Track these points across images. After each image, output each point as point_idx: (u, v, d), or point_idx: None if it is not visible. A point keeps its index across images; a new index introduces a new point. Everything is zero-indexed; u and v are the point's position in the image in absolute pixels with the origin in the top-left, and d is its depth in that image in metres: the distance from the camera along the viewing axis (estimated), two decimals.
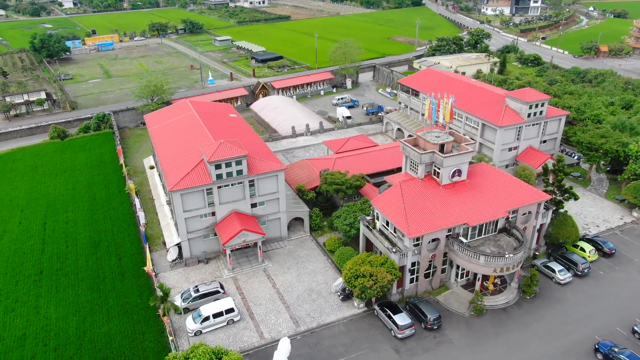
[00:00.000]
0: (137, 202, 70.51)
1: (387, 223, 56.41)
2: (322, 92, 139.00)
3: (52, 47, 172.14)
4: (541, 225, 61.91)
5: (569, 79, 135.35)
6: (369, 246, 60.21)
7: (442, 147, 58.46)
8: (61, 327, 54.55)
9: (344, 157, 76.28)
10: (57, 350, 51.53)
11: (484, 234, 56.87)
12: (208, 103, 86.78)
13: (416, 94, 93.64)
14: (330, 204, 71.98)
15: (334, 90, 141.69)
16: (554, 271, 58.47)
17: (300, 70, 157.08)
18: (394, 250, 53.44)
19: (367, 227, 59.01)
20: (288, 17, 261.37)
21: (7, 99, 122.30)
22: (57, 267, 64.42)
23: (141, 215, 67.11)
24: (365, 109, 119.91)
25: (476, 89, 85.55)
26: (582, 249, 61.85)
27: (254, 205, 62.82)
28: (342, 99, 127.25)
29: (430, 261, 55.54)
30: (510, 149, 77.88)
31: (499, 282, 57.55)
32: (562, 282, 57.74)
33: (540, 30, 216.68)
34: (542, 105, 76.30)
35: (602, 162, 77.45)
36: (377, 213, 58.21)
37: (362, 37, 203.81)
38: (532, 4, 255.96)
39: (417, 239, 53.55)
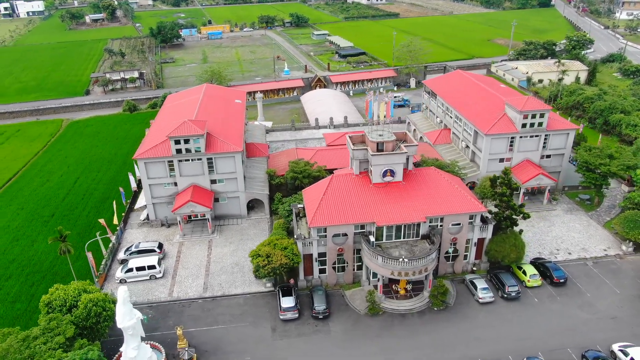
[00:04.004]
0: (136, 168, 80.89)
1: None
2: (381, 89, 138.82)
3: (166, 33, 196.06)
4: (481, 240, 58.43)
5: None
6: None
7: (381, 146, 58.36)
8: (41, 258, 66.43)
9: (327, 150, 78.59)
10: (28, 276, 63.27)
11: (404, 238, 55.88)
12: (222, 88, 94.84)
13: (435, 95, 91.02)
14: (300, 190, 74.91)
15: (395, 88, 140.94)
16: (476, 288, 55.21)
17: (377, 67, 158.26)
18: (295, 237, 55.63)
19: (297, 214, 61.54)
20: (397, 14, 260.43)
21: (107, 75, 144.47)
22: (66, 213, 77.43)
23: (131, 179, 77.37)
24: (411, 108, 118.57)
25: (488, 94, 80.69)
26: (525, 272, 57.05)
27: (213, 182, 68.91)
28: (395, 97, 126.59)
29: (339, 255, 56.43)
30: (501, 160, 72.87)
31: (410, 288, 56.16)
32: (480, 300, 54.36)
33: None
34: (542, 116, 70.04)
35: (604, 187, 68.61)
36: None
37: (460, 37, 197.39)
38: None
39: (325, 230, 54.95)
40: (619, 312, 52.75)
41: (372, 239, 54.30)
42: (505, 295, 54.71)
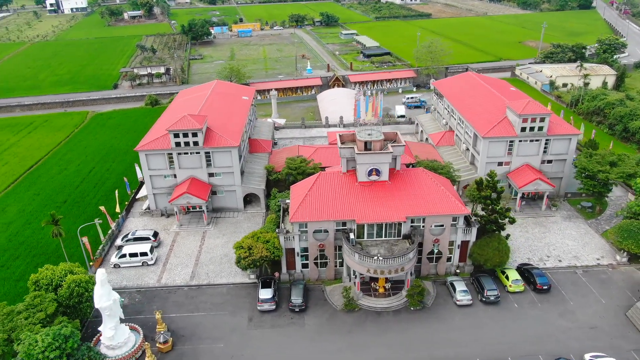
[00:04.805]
0: None
1: None
2: (400, 90, 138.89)
3: (197, 31, 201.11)
4: (465, 243, 58.14)
5: None
6: None
7: (368, 145, 58.89)
8: (48, 241, 70.08)
9: (327, 148, 79.67)
10: (34, 257, 67.12)
11: (386, 237, 56.36)
12: (232, 84, 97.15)
13: (442, 97, 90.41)
14: None
15: (414, 89, 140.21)
16: (455, 290, 55.07)
17: (401, 67, 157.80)
18: (277, 230, 57.01)
19: (285, 209, 62.89)
20: (429, 14, 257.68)
21: (135, 70, 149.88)
22: (77, 200, 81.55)
23: (138, 170, 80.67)
24: (426, 109, 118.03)
25: (494, 97, 79.68)
26: (507, 277, 56.46)
27: (211, 175, 71.11)
28: (411, 98, 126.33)
29: (321, 251, 57.39)
30: (500, 164, 71.92)
31: (389, 287, 56.52)
32: (458, 303, 54.23)
33: None
34: (542, 120, 68.75)
35: (605, 195, 66.58)
36: None
37: (491, 39, 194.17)
38: None
39: (306, 226, 56.06)
40: (600, 322, 51.57)
41: (352, 236, 55.02)
42: (484, 299, 54.35)
